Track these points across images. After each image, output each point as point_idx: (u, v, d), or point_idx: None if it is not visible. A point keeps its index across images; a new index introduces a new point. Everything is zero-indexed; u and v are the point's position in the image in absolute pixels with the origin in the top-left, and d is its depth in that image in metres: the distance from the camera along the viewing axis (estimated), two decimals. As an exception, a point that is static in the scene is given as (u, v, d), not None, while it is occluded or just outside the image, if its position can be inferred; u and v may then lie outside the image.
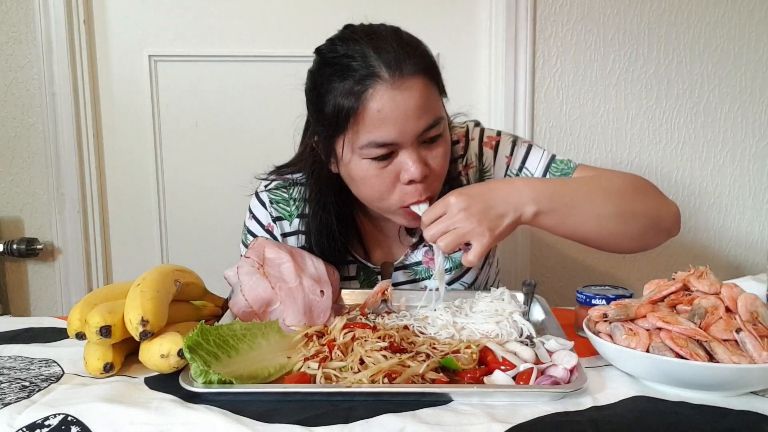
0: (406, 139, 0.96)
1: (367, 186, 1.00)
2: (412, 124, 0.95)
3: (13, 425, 0.71)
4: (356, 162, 0.98)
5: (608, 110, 1.77)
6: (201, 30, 1.74)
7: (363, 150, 0.96)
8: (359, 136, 0.95)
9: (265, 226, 1.16)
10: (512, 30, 1.70)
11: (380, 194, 1.00)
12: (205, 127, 1.79)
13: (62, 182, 1.75)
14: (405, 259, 1.18)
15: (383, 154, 0.96)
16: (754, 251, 1.86)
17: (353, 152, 0.97)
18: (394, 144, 0.96)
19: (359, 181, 1.00)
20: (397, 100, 0.93)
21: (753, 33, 1.75)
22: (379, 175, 0.98)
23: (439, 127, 0.98)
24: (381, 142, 0.95)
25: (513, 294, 1.03)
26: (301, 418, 0.70)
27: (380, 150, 0.96)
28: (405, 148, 0.96)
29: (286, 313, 0.95)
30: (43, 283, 1.83)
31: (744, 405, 0.74)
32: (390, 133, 0.94)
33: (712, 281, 0.86)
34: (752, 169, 1.82)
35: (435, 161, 0.99)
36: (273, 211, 1.16)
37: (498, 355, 0.81)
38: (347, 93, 0.94)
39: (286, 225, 1.16)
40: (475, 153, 1.14)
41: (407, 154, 0.96)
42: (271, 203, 1.16)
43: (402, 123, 0.94)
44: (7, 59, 1.72)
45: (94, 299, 0.88)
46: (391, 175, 0.98)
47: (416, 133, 0.96)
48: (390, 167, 0.98)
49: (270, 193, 1.17)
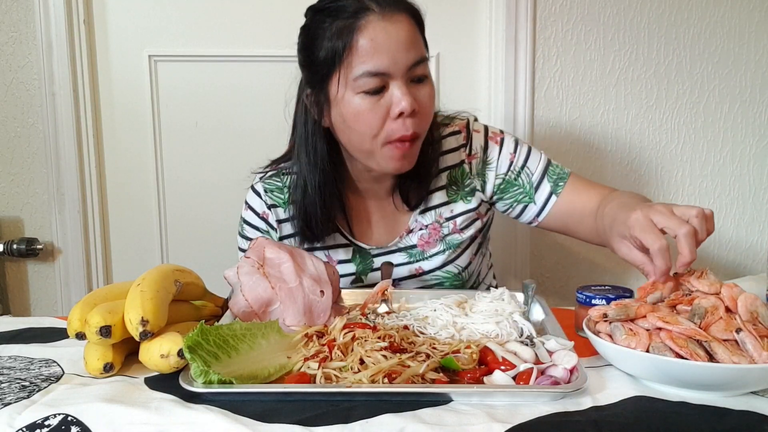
0: (398, 70, 1.01)
1: (359, 122, 1.03)
2: (402, 55, 1.01)
3: (13, 425, 0.71)
4: (349, 98, 1.03)
5: (608, 110, 1.77)
6: (201, 30, 1.74)
7: (357, 82, 1.01)
8: (353, 68, 1.01)
9: (260, 214, 1.20)
10: (512, 30, 1.70)
11: (371, 130, 1.04)
12: (205, 127, 1.79)
13: (62, 182, 1.75)
14: (399, 242, 1.20)
15: (376, 86, 1.01)
16: (754, 251, 1.86)
17: (347, 87, 1.02)
18: (386, 74, 1.01)
19: (351, 119, 1.04)
20: (388, 30, 1.00)
21: (753, 33, 1.75)
22: (372, 110, 1.02)
23: (425, 67, 1.05)
24: (374, 71, 1.00)
25: (513, 294, 1.03)
26: (301, 418, 0.70)
27: (373, 80, 1.01)
28: (396, 80, 1.02)
29: (286, 313, 0.95)
30: (43, 283, 1.83)
31: (744, 405, 0.74)
32: (383, 61, 1.00)
33: (712, 281, 0.86)
34: (752, 169, 1.82)
35: (422, 100, 1.05)
36: (267, 199, 1.20)
37: (498, 355, 0.81)
38: (340, 30, 1.01)
39: (281, 212, 1.19)
40: (480, 145, 1.19)
41: (398, 87, 1.02)
42: (265, 192, 1.20)
43: (394, 52, 1.00)
44: (7, 59, 1.72)
45: (94, 299, 0.88)
46: (382, 110, 1.03)
47: (406, 65, 1.02)
48: (381, 101, 1.02)
49: (264, 183, 1.21)
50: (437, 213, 1.20)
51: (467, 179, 1.20)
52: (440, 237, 1.20)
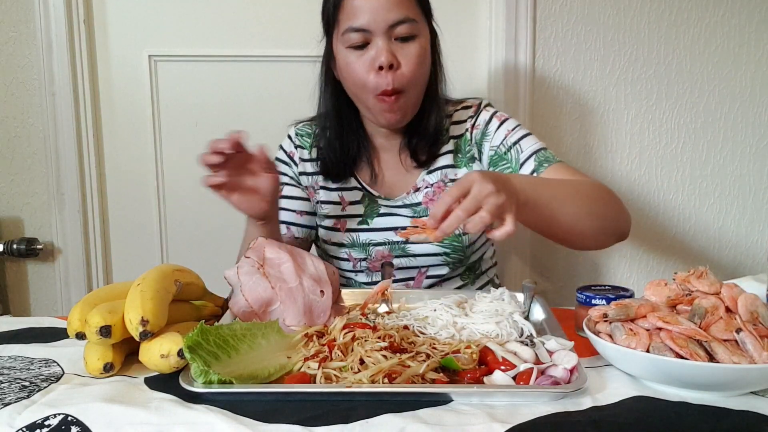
0: (377, 28, 1.13)
1: (349, 73, 1.17)
2: (382, 14, 1.12)
3: (13, 425, 0.71)
4: (342, 51, 1.17)
5: (608, 110, 1.77)
6: (201, 30, 1.74)
7: (344, 36, 1.15)
8: (341, 24, 1.16)
9: (288, 152, 1.34)
10: (512, 30, 1.70)
11: (359, 80, 1.16)
12: (205, 127, 1.79)
13: (62, 182, 1.75)
14: (406, 198, 1.29)
15: (359, 41, 1.14)
16: (754, 251, 1.86)
17: (338, 41, 1.17)
18: (367, 31, 1.13)
19: (343, 70, 1.18)
20: None
21: (753, 33, 1.75)
22: (357, 62, 1.15)
23: (411, 27, 1.14)
24: (356, 27, 1.13)
25: (513, 294, 1.04)
26: (301, 418, 0.70)
27: (356, 36, 1.14)
28: (377, 36, 1.13)
29: (286, 313, 0.95)
30: (43, 283, 1.83)
31: (744, 405, 0.74)
32: (362, 19, 1.13)
33: (712, 281, 0.86)
34: (752, 169, 1.82)
35: (405, 58, 1.14)
36: (296, 141, 1.34)
37: (498, 355, 0.81)
38: None
39: (305, 153, 1.33)
40: (485, 120, 1.29)
41: (378, 43, 1.13)
42: (296, 135, 1.35)
43: (373, 12, 1.12)
44: (7, 59, 1.72)
45: (94, 299, 0.88)
46: (366, 63, 1.15)
47: (387, 23, 1.12)
48: (365, 56, 1.15)
49: (296, 128, 1.36)
50: (443, 173, 1.28)
51: (467, 146, 1.29)
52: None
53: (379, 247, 1.27)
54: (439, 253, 1.26)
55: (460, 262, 1.29)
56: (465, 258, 1.29)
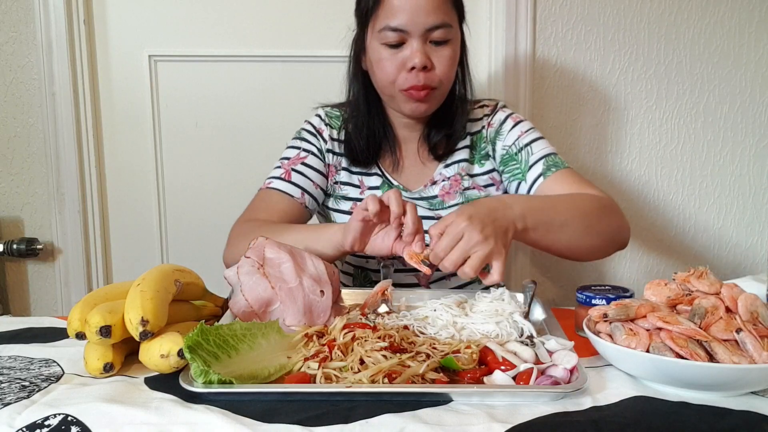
0: (415, 29, 1.15)
1: (381, 68, 1.20)
2: (421, 17, 1.15)
3: (13, 425, 0.71)
4: (375, 46, 1.20)
5: (608, 110, 1.77)
6: (201, 30, 1.74)
7: (380, 33, 1.17)
8: (379, 21, 1.17)
9: (317, 127, 1.34)
10: (512, 30, 1.70)
11: (389, 77, 1.19)
12: (205, 127, 1.79)
13: (62, 182, 1.75)
14: (423, 191, 1.31)
15: (395, 40, 1.17)
16: (754, 251, 1.86)
17: (374, 38, 1.19)
18: (404, 31, 1.16)
19: (375, 64, 1.21)
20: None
21: (753, 33, 1.75)
22: (390, 59, 1.18)
23: (447, 32, 1.17)
24: (394, 26, 1.16)
25: (513, 294, 1.03)
26: (301, 418, 0.70)
27: (393, 35, 1.16)
28: (413, 38, 1.16)
29: (286, 313, 0.95)
30: (43, 283, 1.83)
31: (744, 405, 0.74)
32: (401, 19, 1.15)
33: (712, 281, 0.86)
34: (752, 169, 1.82)
35: (439, 60, 1.18)
36: (326, 119, 1.35)
37: (498, 355, 0.81)
38: None
39: (335, 132, 1.34)
40: (500, 119, 1.33)
41: (413, 44, 1.16)
42: (326, 115, 1.36)
43: (413, 14, 1.14)
44: (7, 59, 1.72)
45: (94, 299, 0.88)
46: (398, 61, 1.18)
47: (424, 26, 1.15)
48: (399, 54, 1.18)
49: (325, 110, 1.37)
50: (459, 167, 1.32)
51: (483, 143, 1.33)
52: (460, 189, 1.30)
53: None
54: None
55: None
56: None
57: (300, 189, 1.28)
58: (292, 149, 1.33)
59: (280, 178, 1.28)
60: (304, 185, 1.29)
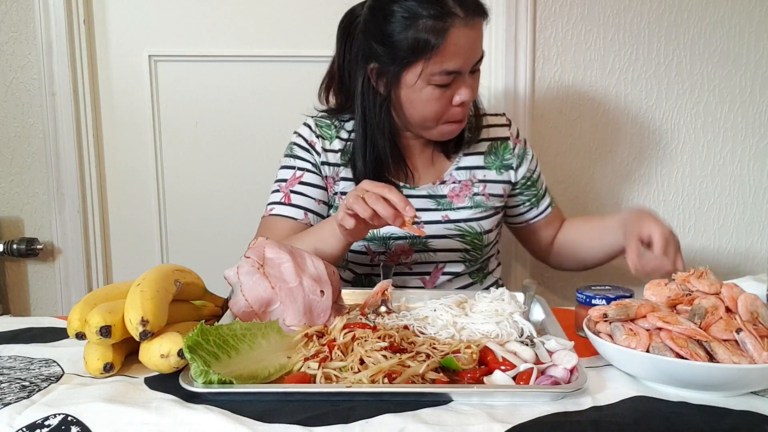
0: (467, 68, 1.17)
1: (427, 108, 1.19)
2: (473, 57, 1.17)
3: (13, 425, 0.71)
4: (421, 87, 1.17)
5: (608, 110, 1.77)
6: (201, 30, 1.74)
7: (434, 77, 1.15)
8: (434, 65, 1.14)
9: (308, 140, 1.31)
10: (512, 30, 1.70)
11: (435, 115, 1.20)
12: (205, 127, 1.79)
13: (62, 182, 1.75)
14: (431, 188, 1.31)
15: (448, 81, 1.16)
16: (754, 251, 1.86)
17: (420, 77, 1.16)
18: (459, 73, 1.16)
19: (419, 104, 1.19)
20: (469, 36, 1.14)
21: (753, 33, 1.75)
22: (439, 99, 1.18)
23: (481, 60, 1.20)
24: (451, 70, 1.15)
25: (513, 294, 1.03)
26: (301, 418, 0.70)
27: (448, 77, 1.16)
28: (463, 75, 1.17)
29: (286, 313, 0.95)
30: (43, 283, 1.83)
31: (744, 405, 0.74)
32: (459, 63, 1.15)
33: (712, 281, 0.86)
34: (752, 169, 1.82)
35: (476, 87, 1.22)
36: (316, 130, 1.32)
37: (498, 355, 0.81)
38: (430, 28, 1.12)
39: (327, 143, 1.31)
40: (524, 140, 1.38)
41: (464, 82, 1.18)
42: (316, 125, 1.32)
43: (469, 55, 1.16)
44: (7, 59, 1.72)
45: (94, 299, 0.88)
46: (447, 100, 1.18)
47: (473, 64, 1.18)
48: (448, 92, 1.18)
49: (315, 120, 1.34)
50: (471, 173, 1.32)
51: (508, 154, 1.35)
52: (470, 194, 1.31)
53: (399, 241, 1.27)
54: (460, 249, 1.29)
55: (475, 261, 1.32)
56: (481, 256, 1.32)
57: (302, 210, 1.27)
58: (287, 169, 1.30)
59: (281, 203, 1.27)
60: (306, 204, 1.27)
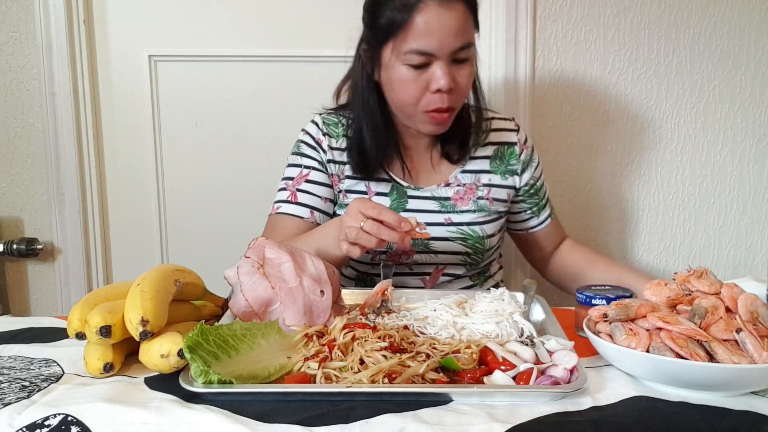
0: (442, 53, 1.13)
1: (402, 90, 1.17)
2: (450, 40, 1.12)
3: (13, 425, 0.71)
4: (397, 66, 1.16)
5: (608, 110, 1.77)
6: (201, 30, 1.74)
7: (405, 56, 1.14)
8: (404, 43, 1.13)
9: (315, 138, 1.31)
10: (512, 30, 1.70)
11: (411, 99, 1.17)
12: (205, 128, 1.79)
13: (62, 182, 1.75)
14: (435, 190, 1.30)
15: (421, 62, 1.14)
16: (754, 251, 1.86)
17: (397, 58, 1.15)
18: (431, 54, 1.13)
19: (396, 84, 1.18)
20: (442, 16, 1.11)
21: (753, 33, 1.75)
22: (414, 81, 1.15)
23: (469, 51, 1.16)
24: (422, 50, 1.13)
25: (513, 294, 1.03)
26: (301, 418, 0.70)
27: (419, 58, 1.13)
28: (439, 60, 1.14)
29: (286, 313, 0.95)
30: (43, 283, 1.83)
31: (744, 405, 0.74)
32: (431, 43, 1.12)
33: (712, 281, 0.86)
34: (752, 169, 1.82)
35: (461, 79, 1.17)
36: (324, 128, 1.31)
37: (498, 355, 0.81)
38: (402, 5, 1.12)
39: (334, 141, 1.30)
40: (531, 147, 1.37)
41: (439, 66, 1.14)
42: (323, 123, 1.32)
43: (443, 37, 1.12)
44: (7, 59, 1.72)
45: (94, 299, 0.88)
46: (423, 83, 1.15)
47: (451, 49, 1.13)
48: (423, 76, 1.15)
49: (322, 117, 1.33)
50: (476, 177, 1.32)
51: (513, 159, 1.34)
52: (474, 198, 1.31)
53: None
54: (461, 252, 1.28)
55: (476, 264, 1.32)
56: (482, 260, 1.32)
57: (308, 208, 1.27)
58: (294, 167, 1.31)
59: (288, 201, 1.28)
60: (312, 203, 1.28)
